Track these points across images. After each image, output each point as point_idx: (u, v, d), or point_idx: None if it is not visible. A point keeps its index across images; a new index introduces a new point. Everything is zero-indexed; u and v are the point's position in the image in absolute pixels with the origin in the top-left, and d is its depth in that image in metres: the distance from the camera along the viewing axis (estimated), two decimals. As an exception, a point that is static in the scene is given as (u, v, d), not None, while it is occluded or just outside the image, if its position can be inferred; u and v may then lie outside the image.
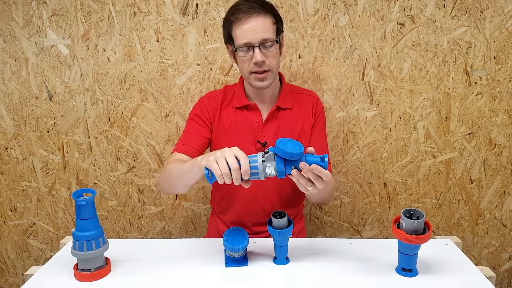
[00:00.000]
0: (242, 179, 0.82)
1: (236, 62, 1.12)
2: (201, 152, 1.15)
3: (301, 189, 0.86)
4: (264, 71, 1.05)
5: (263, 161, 0.82)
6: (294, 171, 0.83)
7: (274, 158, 0.82)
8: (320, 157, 0.83)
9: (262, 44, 1.03)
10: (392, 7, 1.34)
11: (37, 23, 1.37)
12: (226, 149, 0.83)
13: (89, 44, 1.39)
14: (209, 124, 1.17)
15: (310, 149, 0.86)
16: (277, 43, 1.06)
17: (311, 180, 0.84)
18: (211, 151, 1.19)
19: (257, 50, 1.02)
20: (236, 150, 0.83)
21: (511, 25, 1.35)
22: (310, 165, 0.81)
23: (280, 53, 1.12)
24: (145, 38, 1.38)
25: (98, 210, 1.55)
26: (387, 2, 1.34)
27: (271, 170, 0.82)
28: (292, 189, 1.21)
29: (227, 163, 0.81)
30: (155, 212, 1.57)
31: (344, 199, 1.55)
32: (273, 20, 1.05)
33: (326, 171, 0.82)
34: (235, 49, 1.06)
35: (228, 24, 1.07)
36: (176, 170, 0.99)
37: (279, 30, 1.08)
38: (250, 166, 0.81)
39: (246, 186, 0.84)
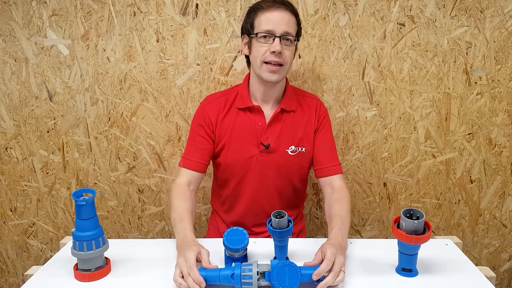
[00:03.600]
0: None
1: (249, 53, 1.12)
2: (206, 164, 1.17)
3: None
4: (278, 64, 1.06)
5: (258, 278, 0.81)
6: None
7: (270, 284, 0.81)
8: (311, 274, 0.82)
9: (284, 36, 1.05)
10: (392, 7, 1.34)
11: (37, 23, 1.37)
12: (185, 269, 0.83)
13: (89, 44, 1.39)
14: (210, 134, 1.16)
15: (308, 263, 0.87)
16: (295, 42, 1.10)
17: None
18: (215, 151, 1.19)
19: (277, 40, 1.04)
20: (195, 273, 0.82)
21: (511, 25, 1.35)
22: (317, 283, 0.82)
23: (293, 57, 1.13)
24: (145, 38, 1.38)
25: (98, 210, 1.55)
26: (387, 2, 1.34)
27: (265, 284, 0.82)
28: (293, 191, 1.21)
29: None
30: (155, 212, 1.57)
31: (344, 199, 1.54)
32: (297, 21, 1.09)
33: (327, 280, 0.82)
34: (255, 35, 1.06)
35: (254, 10, 1.08)
36: (173, 218, 1.04)
37: (298, 35, 1.11)
38: (244, 275, 0.81)
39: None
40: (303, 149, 1.16)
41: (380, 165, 1.50)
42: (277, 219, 0.89)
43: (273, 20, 1.04)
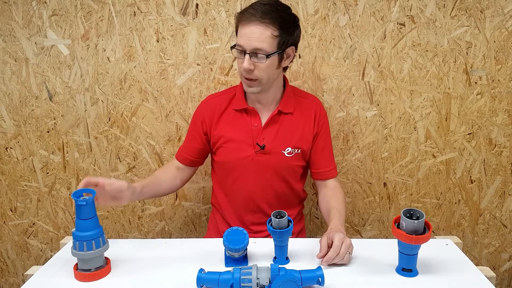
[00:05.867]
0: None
1: None
2: (194, 161, 1.24)
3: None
4: (251, 79, 1.05)
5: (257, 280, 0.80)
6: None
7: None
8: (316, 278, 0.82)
9: (254, 53, 1.00)
10: (392, 7, 1.34)
11: (37, 23, 1.37)
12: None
13: (89, 44, 1.39)
14: (202, 135, 1.20)
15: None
16: (277, 55, 1.02)
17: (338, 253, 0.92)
18: (212, 150, 1.21)
19: (246, 56, 1.01)
20: None
21: (511, 25, 1.35)
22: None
23: (285, 64, 1.10)
24: (145, 38, 1.38)
25: (98, 210, 1.54)
26: (387, 2, 1.34)
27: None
28: (290, 191, 1.21)
29: None
30: (155, 212, 1.57)
31: (344, 199, 1.54)
32: (274, 33, 0.99)
33: (330, 254, 0.91)
34: (234, 46, 1.05)
35: (237, 19, 1.06)
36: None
37: (284, 43, 1.02)
38: (243, 279, 0.80)
39: None
40: (299, 150, 1.16)
41: (380, 165, 1.50)
42: (277, 219, 0.89)
43: (244, 35, 1.00)
